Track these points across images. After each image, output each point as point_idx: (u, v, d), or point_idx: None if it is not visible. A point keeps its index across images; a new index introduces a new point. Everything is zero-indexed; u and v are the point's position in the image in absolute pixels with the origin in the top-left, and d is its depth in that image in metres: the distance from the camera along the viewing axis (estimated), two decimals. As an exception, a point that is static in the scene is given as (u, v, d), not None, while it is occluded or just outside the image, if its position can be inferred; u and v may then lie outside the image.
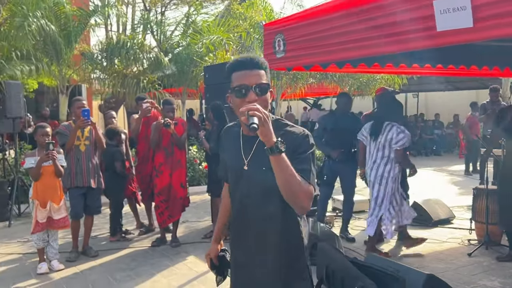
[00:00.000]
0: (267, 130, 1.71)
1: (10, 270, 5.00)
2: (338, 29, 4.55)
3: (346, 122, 5.77)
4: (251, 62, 1.93)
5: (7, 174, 7.83)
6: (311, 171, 1.88)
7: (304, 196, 1.82)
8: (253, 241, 2.02)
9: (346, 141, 5.77)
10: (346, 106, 5.89)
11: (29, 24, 8.26)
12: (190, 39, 11.06)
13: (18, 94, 7.24)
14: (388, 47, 4.06)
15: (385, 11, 3.96)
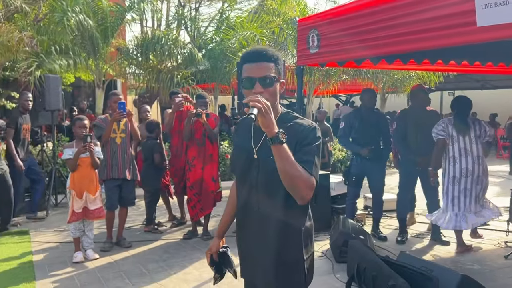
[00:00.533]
0: (268, 121, 1.76)
1: (47, 258, 5.16)
2: (374, 24, 4.50)
3: (372, 118, 5.69)
4: (259, 55, 1.99)
5: (45, 165, 8.06)
6: (314, 162, 1.92)
7: (304, 186, 1.86)
8: (255, 229, 2.07)
9: (374, 138, 5.69)
10: (371, 102, 5.80)
11: (68, 19, 8.49)
12: (223, 35, 11.12)
13: (56, 88, 7.44)
14: (425, 42, 3.98)
15: (423, 6, 3.88)
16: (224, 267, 2.28)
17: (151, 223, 6.20)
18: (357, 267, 3.96)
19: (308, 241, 2.08)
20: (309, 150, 1.93)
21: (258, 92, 1.91)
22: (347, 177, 5.85)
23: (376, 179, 5.77)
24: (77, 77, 13.66)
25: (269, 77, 1.95)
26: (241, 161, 2.10)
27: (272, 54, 2.00)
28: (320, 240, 5.64)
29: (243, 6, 14.52)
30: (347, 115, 6.22)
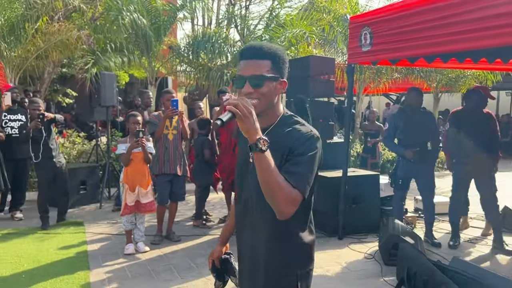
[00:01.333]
0: (248, 126, 1.61)
1: (100, 249, 5.36)
2: (429, 22, 4.39)
3: (418, 118, 5.51)
4: (252, 51, 1.81)
5: (99, 160, 8.36)
6: (302, 174, 1.72)
7: (283, 199, 1.67)
8: (247, 237, 1.96)
9: (421, 139, 5.50)
10: (417, 101, 5.60)
11: (122, 17, 8.76)
12: (272, 33, 11.12)
13: (112, 84, 7.69)
14: (484, 41, 3.85)
15: (482, 4, 3.76)
16: (226, 275, 2.17)
17: (200, 218, 6.31)
18: (407, 270, 3.87)
19: (305, 255, 1.92)
20: (299, 160, 1.73)
21: (247, 93, 1.76)
22: (394, 180, 5.69)
23: (424, 181, 5.58)
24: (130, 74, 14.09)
25: (257, 77, 1.76)
26: (239, 165, 1.99)
27: (269, 51, 1.80)
28: (369, 241, 5.55)
29: (293, 3, 14.51)
30: (391, 115, 6.07)
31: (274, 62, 1.80)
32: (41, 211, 6.15)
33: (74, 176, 7.12)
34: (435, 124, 5.75)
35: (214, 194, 6.87)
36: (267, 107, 1.81)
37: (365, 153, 8.92)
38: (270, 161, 1.64)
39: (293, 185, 1.69)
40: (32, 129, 5.88)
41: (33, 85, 11.43)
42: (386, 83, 11.35)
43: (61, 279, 4.40)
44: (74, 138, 9.30)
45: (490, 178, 5.34)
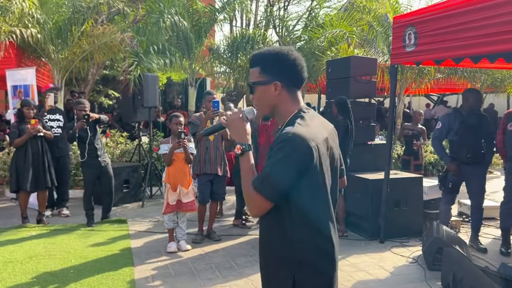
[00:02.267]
0: (232, 133, 1.90)
1: (143, 246, 5.48)
2: (476, 22, 4.29)
3: (474, 120, 5.34)
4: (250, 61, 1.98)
5: (141, 159, 8.54)
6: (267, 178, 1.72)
7: (247, 201, 1.81)
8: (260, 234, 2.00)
9: (475, 142, 5.34)
10: (476, 103, 5.45)
11: (164, 20, 8.91)
12: (311, 33, 11.07)
13: (154, 86, 7.87)
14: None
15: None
16: None
17: (240, 217, 6.35)
18: (453, 276, 3.79)
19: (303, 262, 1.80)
20: (268, 163, 1.74)
21: (251, 99, 1.96)
22: (443, 183, 5.54)
23: (476, 185, 5.41)
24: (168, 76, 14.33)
25: (250, 85, 1.93)
26: None
27: (256, 58, 1.91)
28: (411, 245, 5.46)
29: (332, 3, 14.38)
30: (445, 116, 5.90)
31: (262, 68, 1.88)
32: (87, 208, 6.34)
33: (117, 175, 7.28)
34: (490, 127, 5.55)
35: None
36: (270, 109, 1.91)
37: (406, 155, 8.73)
38: (246, 164, 1.84)
39: (254, 187, 1.75)
40: (78, 129, 6.07)
41: (78, 86, 11.79)
42: (428, 83, 11.10)
43: (107, 275, 4.52)
44: (117, 138, 9.54)
45: None
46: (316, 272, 1.82)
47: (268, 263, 1.90)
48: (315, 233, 1.81)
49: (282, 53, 1.87)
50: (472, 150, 5.27)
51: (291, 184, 1.73)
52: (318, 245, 1.82)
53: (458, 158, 5.36)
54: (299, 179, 1.73)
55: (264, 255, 1.93)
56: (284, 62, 1.86)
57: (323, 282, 1.84)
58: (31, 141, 6.18)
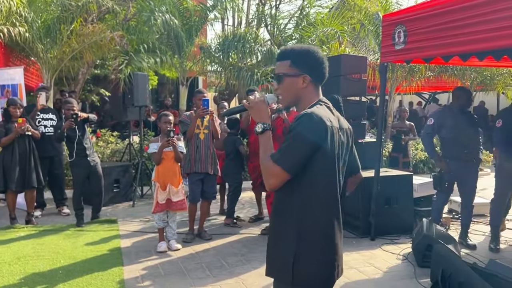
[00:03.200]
0: (254, 115, 2.08)
1: (133, 246, 5.45)
2: (465, 20, 4.31)
3: (465, 118, 5.37)
4: (278, 54, 2.15)
5: (132, 158, 8.50)
6: (285, 151, 1.91)
7: (265, 173, 1.94)
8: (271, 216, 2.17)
9: (468, 140, 5.35)
10: (468, 101, 5.48)
11: (155, 18, 8.88)
12: (303, 32, 11.07)
13: (144, 85, 7.81)
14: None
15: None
16: None
17: (232, 216, 6.34)
18: (442, 272, 3.80)
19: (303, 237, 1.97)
20: (285, 139, 1.96)
21: (275, 88, 2.14)
22: (439, 182, 5.52)
23: (469, 183, 5.43)
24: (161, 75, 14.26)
25: (278, 75, 2.09)
26: None
27: (289, 51, 2.10)
28: (401, 243, 5.47)
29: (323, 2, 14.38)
30: (437, 112, 5.92)
31: (293, 61, 2.06)
32: (76, 208, 6.30)
33: (108, 174, 7.26)
34: (478, 125, 5.57)
35: (244, 193, 6.89)
36: (294, 100, 2.10)
37: (395, 152, 8.78)
38: (265, 142, 1.99)
39: (273, 160, 1.91)
40: (66, 129, 6.02)
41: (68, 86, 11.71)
42: (419, 81, 11.14)
43: (96, 275, 4.49)
44: (108, 138, 9.48)
45: None
46: (316, 250, 1.98)
47: (273, 238, 2.08)
48: (318, 211, 1.98)
49: (313, 50, 2.09)
50: (467, 147, 5.29)
51: (307, 157, 1.91)
52: (319, 224, 1.99)
53: (452, 156, 5.36)
54: (313, 154, 1.91)
55: (272, 230, 2.12)
56: (313, 58, 2.07)
57: (323, 261, 2.00)
58: (18, 140, 6.13)
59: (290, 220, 1.98)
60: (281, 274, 2.01)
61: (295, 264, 1.95)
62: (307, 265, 1.96)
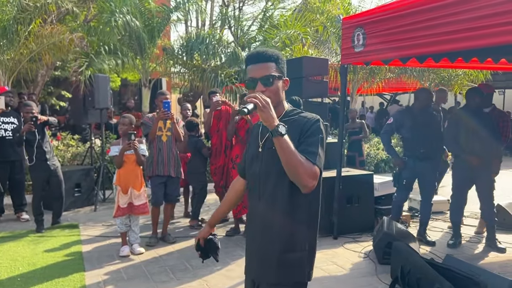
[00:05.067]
0: (267, 115, 1.84)
1: (95, 251, 5.35)
2: (421, 23, 4.43)
3: (425, 118, 5.54)
4: (259, 56, 2.07)
5: (94, 162, 8.35)
6: (317, 153, 1.96)
7: (305, 174, 1.90)
8: (258, 222, 2.14)
9: (427, 139, 5.52)
10: (427, 101, 5.64)
11: (115, 19, 8.75)
12: (266, 34, 11.15)
13: (105, 87, 7.69)
14: (474, 41, 3.88)
15: (472, 5, 3.79)
16: (209, 253, 2.44)
17: (196, 218, 6.32)
18: (401, 269, 3.90)
19: (315, 226, 2.14)
20: (312, 141, 1.99)
21: (261, 91, 2.00)
22: (398, 180, 5.67)
23: (428, 181, 5.59)
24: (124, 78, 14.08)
25: (269, 76, 2.03)
26: (249, 156, 2.22)
27: (272, 54, 2.08)
28: (363, 241, 5.58)
29: (287, 4, 14.55)
30: (398, 112, 6.08)
31: (277, 63, 2.08)
32: (36, 214, 6.13)
33: (68, 178, 7.10)
34: (439, 125, 5.75)
35: (209, 195, 6.87)
36: (277, 102, 2.07)
37: (351, 151, 9.04)
38: (290, 143, 1.88)
39: (312, 162, 1.93)
40: (26, 132, 5.87)
41: (27, 88, 11.40)
42: (380, 83, 11.39)
43: (57, 281, 4.39)
44: (69, 141, 9.28)
45: (489, 176, 5.37)
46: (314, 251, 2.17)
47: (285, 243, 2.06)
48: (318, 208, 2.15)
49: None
50: (424, 146, 5.44)
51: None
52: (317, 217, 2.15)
53: (411, 155, 5.52)
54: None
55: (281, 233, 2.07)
56: (285, 62, 2.17)
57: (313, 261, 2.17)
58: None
59: (304, 219, 2.07)
60: (298, 278, 2.10)
61: (307, 266, 2.11)
62: (310, 266, 2.14)
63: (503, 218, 6.10)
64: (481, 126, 5.23)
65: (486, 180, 5.35)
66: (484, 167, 5.25)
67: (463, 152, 5.35)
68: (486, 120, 5.34)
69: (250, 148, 2.26)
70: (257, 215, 2.14)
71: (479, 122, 5.26)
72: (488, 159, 5.28)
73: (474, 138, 5.24)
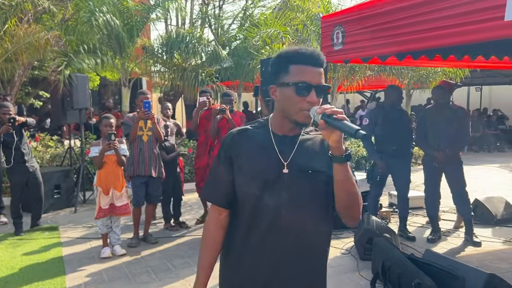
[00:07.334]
0: (340, 136, 1.51)
1: (76, 253, 5.29)
2: (399, 21, 4.47)
3: (396, 115, 5.62)
4: (317, 59, 1.67)
5: (73, 163, 8.25)
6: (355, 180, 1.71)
7: (360, 206, 1.70)
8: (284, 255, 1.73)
9: (398, 135, 5.59)
10: (398, 99, 5.73)
11: (95, 18, 8.64)
12: (247, 33, 11.14)
13: (84, 86, 7.60)
14: (452, 38, 3.94)
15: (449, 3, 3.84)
16: None
17: (167, 221, 6.27)
18: (382, 264, 3.94)
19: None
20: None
21: (314, 102, 1.63)
22: (371, 176, 5.76)
23: (401, 177, 5.67)
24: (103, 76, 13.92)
25: (326, 87, 1.68)
26: (259, 180, 1.71)
27: (324, 59, 1.71)
28: (345, 237, 5.63)
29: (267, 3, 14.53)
30: (370, 111, 6.16)
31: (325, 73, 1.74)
32: (14, 216, 6.04)
33: (48, 180, 7.00)
34: (409, 122, 5.87)
35: (191, 194, 6.85)
36: None
37: None
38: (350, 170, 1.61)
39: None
40: (3, 134, 5.76)
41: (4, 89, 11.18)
42: (360, 80, 11.49)
43: (36, 285, 4.33)
44: (47, 142, 9.15)
45: (459, 171, 5.48)
46: None
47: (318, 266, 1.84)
48: None
49: None
50: (396, 143, 5.51)
51: None
52: None
53: (383, 152, 5.60)
54: None
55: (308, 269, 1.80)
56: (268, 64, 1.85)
57: None
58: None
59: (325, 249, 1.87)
60: None
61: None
62: None
63: (481, 213, 6.21)
64: (446, 122, 5.35)
65: (455, 175, 5.47)
66: (450, 162, 5.36)
67: (429, 148, 5.48)
68: (451, 114, 5.46)
69: (258, 166, 1.72)
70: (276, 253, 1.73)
71: (444, 119, 5.37)
72: (454, 154, 5.40)
73: (440, 134, 5.36)
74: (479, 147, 15.71)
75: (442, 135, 5.39)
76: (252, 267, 1.77)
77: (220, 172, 1.79)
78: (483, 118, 17.03)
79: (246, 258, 1.78)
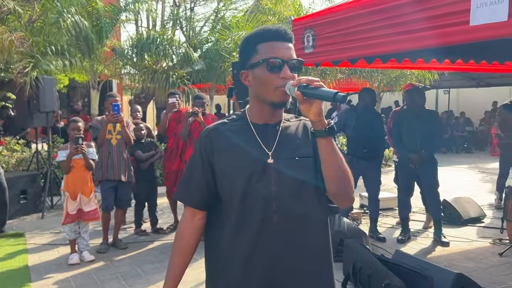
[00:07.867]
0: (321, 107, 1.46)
1: (43, 260, 5.14)
2: (369, 24, 4.51)
3: (369, 117, 5.68)
4: (285, 34, 1.59)
5: (40, 167, 8.04)
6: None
7: (352, 183, 1.62)
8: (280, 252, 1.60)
9: (369, 137, 5.64)
10: (371, 101, 5.80)
11: (63, 19, 8.46)
12: (218, 35, 11.10)
13: (51, 89, 7.42)
14: (419, 42, 4.00)
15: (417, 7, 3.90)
16: None
17: (139, 226, 6.17)
18: (352, 266, 3.97)
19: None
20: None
21: (288, 77, 1.53)
22: None
23: (372, 178, 5.74)
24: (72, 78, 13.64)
25: (300, 61, 1.58)
26: (242, 174, 1.59)
27: (292, 35, 1.64)
28: (316, 239, 5.64)
29: (239, 5, 14.53)
30: (343, 111, 6.22)
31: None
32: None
33: (13, 185, 6.80)
34: (382, 124, 5.93)
35: (163, 199, 6.76)
36: None
37: None
38: (334, 144, 1.53)
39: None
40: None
41: (-33, 91, 10.85)
42: (331, 83, 11.60)
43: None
44: (13, 146, 8.90)
45: (433, 172, 5.56)
46: None
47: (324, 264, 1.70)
48: None
49: None
50: (367, 145, 5.57)
51: None
52: None
53: (354, 154, 5.65)
54: None
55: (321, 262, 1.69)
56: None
57: None
58: None
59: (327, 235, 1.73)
60: None
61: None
62: None
63: (449, 213, 6.33)
64: (422, 125, 5.43)
65: (428, 176, 5.54)
66: (425, 163, 5.44)
67: (405, 150, 5.55)
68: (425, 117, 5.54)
69: (240, 160, 1.60)
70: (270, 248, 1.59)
71: (420, 121, 5.46)
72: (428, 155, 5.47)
73: (416, 136, 5.44)
74: (447, 149, 16.05)
75: (417, 137, 5.45)
76: (245, 271, 1.61)
77: (196, 171, 1.67)
78: (451, 120, 17.41)
79: (237, 262, 1.62)
